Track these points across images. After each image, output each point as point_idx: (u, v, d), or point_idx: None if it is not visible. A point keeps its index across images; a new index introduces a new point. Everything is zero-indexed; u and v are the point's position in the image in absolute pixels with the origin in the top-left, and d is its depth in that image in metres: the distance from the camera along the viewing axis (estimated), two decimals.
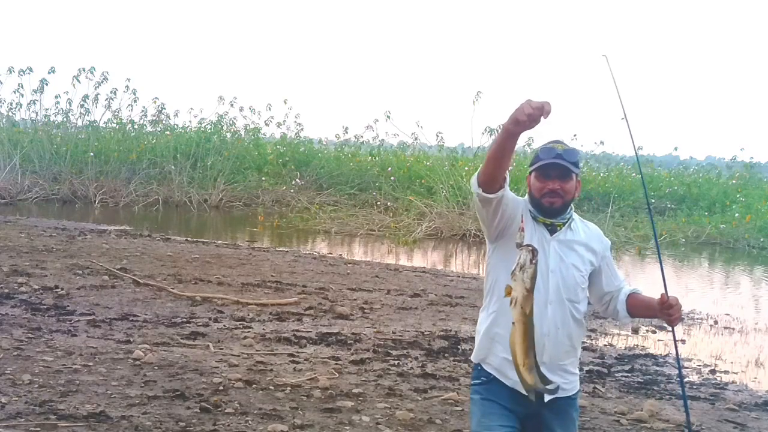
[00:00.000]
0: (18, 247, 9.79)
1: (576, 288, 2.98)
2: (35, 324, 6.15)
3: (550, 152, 2.95)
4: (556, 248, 2.96)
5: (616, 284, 3.13)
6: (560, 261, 2.96)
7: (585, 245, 3.04)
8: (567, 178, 2.94)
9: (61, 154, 18.96)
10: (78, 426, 4.15)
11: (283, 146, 22.72)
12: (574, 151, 3.01)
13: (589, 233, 3.08)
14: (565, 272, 2.96)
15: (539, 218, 2.97)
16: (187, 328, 6.48)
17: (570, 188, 2.97)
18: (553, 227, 2.98)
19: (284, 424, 4.41)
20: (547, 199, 2.94)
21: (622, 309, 3.10)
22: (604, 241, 3.12)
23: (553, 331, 2.93)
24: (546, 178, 2.93)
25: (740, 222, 17.92)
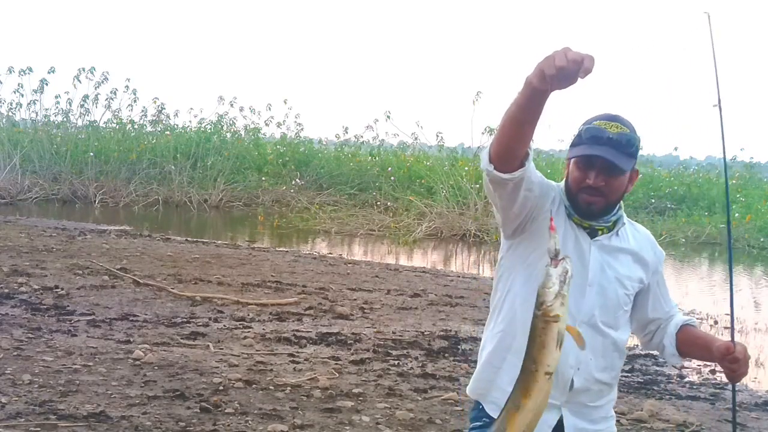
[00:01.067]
0: (18, 247, 9.79)
1: (617, 310, 2.37)
2: (35, 324, 6.15)
3: (597, 135, 2.26)
4: (596, 255, 2.34)
5: (667, 310, 2.50)
6: (601, 272, 2.34)
7: (635, 255, 2.41)
8: (616, 172, 2.27)
9: (61, 154, 18.96)
10: (78, 426, 4.15)
11: (283, 146, 22.72)
12: (632, 137, 2.29)
13: (640, 240, 2.44)
14: (606, 288, 2.34)
15: (574, 217, 2.34)
16: (187, 328, 6.48)
17: (618, 186, 2.31)
18: (592, 230, 2.34)
19: (284, 424, 4.41)
20: (585, 196, 2.29)
21: (670, 345, 2.46)
22: (657, 252, 2.49)
23: (583, 363, 2.31)
24: (587, 167, 2.28)
25: (740, 222, 17.90)
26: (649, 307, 2.47)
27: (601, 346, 2.35)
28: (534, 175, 2.24)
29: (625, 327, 2.43)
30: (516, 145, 2.12)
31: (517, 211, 2.27)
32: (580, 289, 2.29)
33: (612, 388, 2.43)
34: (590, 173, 2.27)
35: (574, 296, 2.18)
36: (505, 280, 2.43)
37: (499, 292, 2.45)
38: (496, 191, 2.23)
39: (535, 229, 2.30)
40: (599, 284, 2.34)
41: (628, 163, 2.30)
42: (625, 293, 2.38)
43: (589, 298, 2.32)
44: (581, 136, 2.31)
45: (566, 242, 2.28)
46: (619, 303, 2.37)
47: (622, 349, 2.43)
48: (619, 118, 2.33)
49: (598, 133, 2.28)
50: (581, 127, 2.33)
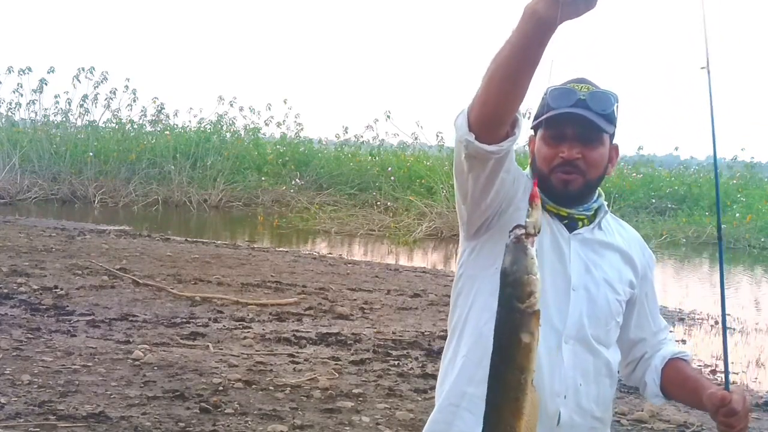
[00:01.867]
0: (17, 247, 9.78)
1: (609, 321, 1.93)
2: (34, 324, 6.14)
3: (565, 97, 1.87)
4: (579, 252, 1.92)
5: (654, 330, 2.06)
6: (586, 273, 1.91)
7: (622, 254, 1.99)
8: (593, 140, 1.87)
9: (61, 154, 18.95)
10: (77, 426, 4.14)
11: (283, 146, 22.70)
12: (607, 96, 1.89)
13: (627, 237, 2.03)
14: (594, 292, 1.90)
15: (548, 205, 1.90)
16: (187, 328, 6.46)
17: (598, 158, 1.89)
18: (571, 221, 1.93)
19: (284, 424, 4.40)
20: (559, 174, 1.87)
21: (653, 383, 2.01)
22: (647, 254, 2.06)
23: (571, 389, 1.86)
24: (558, 140, 1.87)
25: (741, 222, 17.91)
26: (633, 323, 2.02)
27: (593, 368, 1.90)
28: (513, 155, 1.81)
29: (616, 345, 1.99)
30: (506, 104, 1.68)
31: (490, 201, 1.83)
32: (563, 295, 1.88)
33: (606, 425, 1.97)
34: (562, 146, 1.87)
35: (556, 304, 1.85)
36: (466, 293, 1.96)
37: (459, 309, 1.97)
38: (472, 171, 1.77)
39: (502, 226, 1.82)
40: (585, 288, 1.90)
41: (607, 126, 1.89)
42: (617, 299, 1.94)
43: (575, 306, 1.88)
44: (547, 103, 1.88)
45: (542, 238, 1.80)
46: (611, 311, 1.92)
47: (614, 373, 1.96)
48: (587, 80, 1.93)
49: (566, 94, 1.88)
50: (545, 92, 1.91)
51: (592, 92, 1.89)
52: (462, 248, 2.03)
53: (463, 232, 2.01)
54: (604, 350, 1.93)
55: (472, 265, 1.98)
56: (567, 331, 1.88)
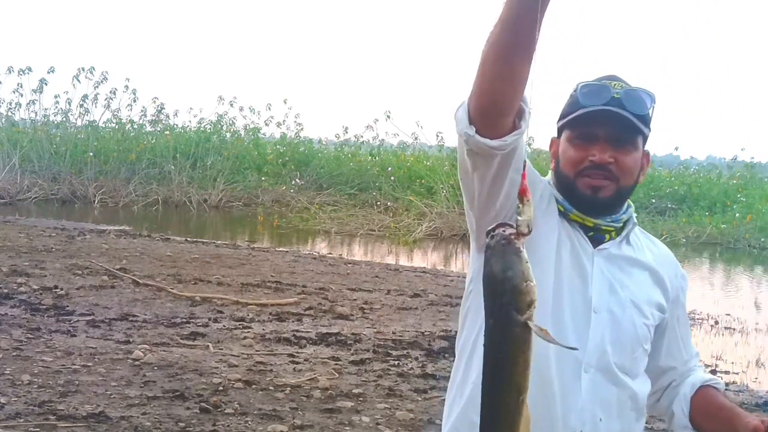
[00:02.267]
0: (17, 247, 9.78)
1: (636, 348, 1.74)
2: (34, 324, 6.14)
3: (598, 94, 1.70)
4: (603, 269, 1.73)
5: (685, 358, 1.88)
6: (610, 293, 1.72)
7: (653, 273, 1.79)
8: (627, 144, 1.71)
9: (61, 154, 18.95)
10: (77, 426, 4.14)
11: (283, 146, 22.70)
12: (643, 95, 1.73)
13: (657, 254, 1.84)
14: (619, 315, 1.72)
15: (572, 214, 1.73)
16: (187, 328, 6.46)
17: (632, 164, 1.73)
18: (598, 233, 1.75)
19: (284, 424, 4.40)
20: (586, 179, 1.70)
21: (682, 413, 1.84)
22: (680, 275, 1.87)
23: (589, 424, 1.68)
24: (588, 141, 1.70)
25: (741, 222, 17.91)
26: (663, 351, 1.84)
27: (616, 400, 1.71)
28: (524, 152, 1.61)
29: (644, 374, 1.79)
30: (504, 89, 1.51)
31: (500, 206, 1.63)
32: (583, 318, 1.69)
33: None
34: (593, 147, 1.69)
35: (575, 328, 1.67)
36: (475, 312, 1.73)
37: (467, 329, 1.79)
38: (477, 170, 1.60)
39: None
40: (609, 310, 1.70)
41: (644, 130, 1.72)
42: (645, 323, 1.74)
43: (596, 331, 1.68)
44: (576, 99, 1.72)
45: (561, 251, 1.69)
46: (638, 337, 1.73)
47: (642, 407, 1.77)
48: (620, 78, 1.76)
49: (599, 91, 1.70)
50: (575, 88, 1.75)
51: (628, 90, 1.71)
52: (472, 260, 1.78)
53: (473, 242, 1.77)
54: (630, 381, 1.73)
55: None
56: (587, 358, 1.67)
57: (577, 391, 1.67)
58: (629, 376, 1.74)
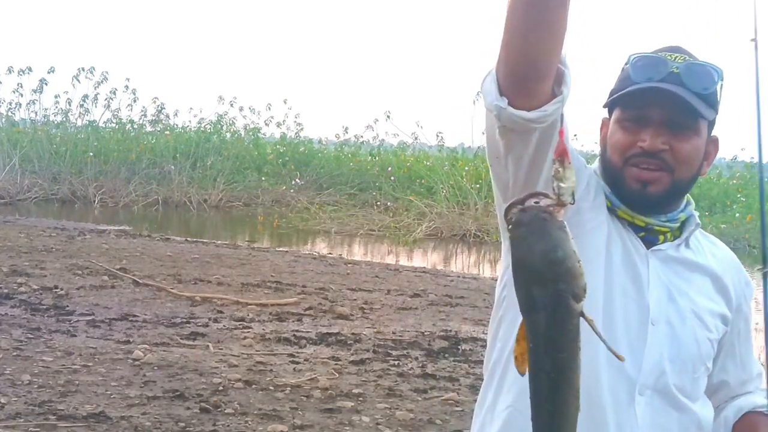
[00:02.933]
0: (17, 247, 9.78)
1: (698, 366, 1.52)
2: (34, 324, 6.14)
3: (653, 68, 1.46)
4: (660, 273, 1.51)
5: (743, 377, 1.64)
6: (669, 302, 1.50)
7: (715, 280, 1.58)
8: (687, 128, 1.47)
9: (61, 154, 18.95)
10: (77, 426, 4.14)
11: (283, 146, 22.70)
12: (708, 70, 1.48)
13: (720, 257, 1.64)
14: (679, 328, 1.49)
15: (620, 210, 1.51)
16: (187, 328, 6.47)
17: (691, 152, 1.48)
18: (650, 235, 1.52)
19: (284, 424, 4.40)
20: (634, 169, 1.47)
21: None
22: (743, 279, 1.67)
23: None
24: (639, 124, 1.47)
25: (741, 222, 17.92)
26: (717, 367, 1.59)
27: (678, 427, 1.49)
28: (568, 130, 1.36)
29: (705, 397, 1.57)
30: (538, 44, 1.26)
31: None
32: (638, 331, 1.46)
33: None
34: (644, 132, 1.45)
35: (629, 342, 1.44)
36: (510, 322, 1.50)
37: (500, 342, 1.55)
38: (511, 152, 1.37)
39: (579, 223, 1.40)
40: (667, 322, 1.48)
41: (707, 111, 1.47)
42: (708, 337, 1.52)
43: (654, 346, 1.46)
44: (627, 74, 1.49)
45: (611, 251, 1.48)
46: (701, 354, 1.50)
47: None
48: (683, 48, 1.51)
49: (654, 64, 1.46)
50: (627, 60, 1.51)
51: (690, 64, 1.46)
52: (504, 262, 1.54)
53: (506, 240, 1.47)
54: (692, 404, 1.51)
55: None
56: (642, 378, 1.45)
57: (632, 417, 1.43)
58: (690, 399, 1.51)
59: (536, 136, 1.34)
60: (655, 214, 1.52)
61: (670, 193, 1.50)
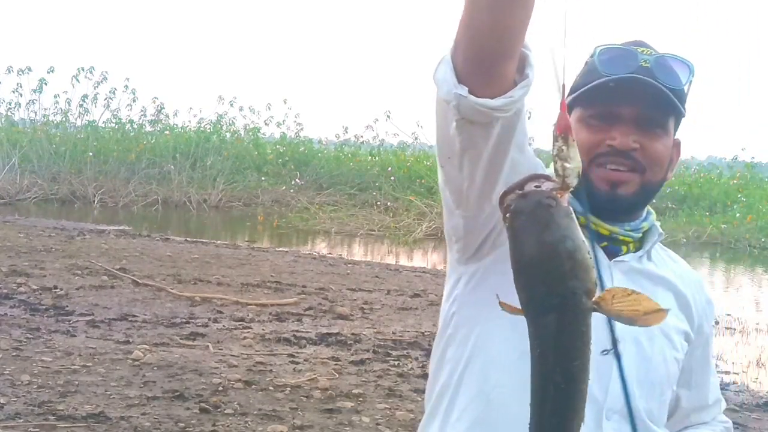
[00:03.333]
0: (17, 247, 9.77)
1: (666, 389, 1.43)
2: (34, 324, 6.13)
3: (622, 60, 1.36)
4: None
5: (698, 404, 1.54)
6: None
7: (678, 295, 1.48)
8: (658, 126, 1.37)
9: (60, 154, 18.95)
10: (77, 426, 4.13)
11: (283, 146, 22.71)
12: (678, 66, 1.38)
13: (680, 272, 1.52)
14: (647, 347, 1.39)
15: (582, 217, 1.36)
16: (187, 328, 6.46)
17: (662, 152, 1.38)
18: (612, 244, 1.42)
19: (284, 424, 4.39)
20: (603, 170, 1.36)
21: None
22: (704, 297, 1.55)
23: None
24: (607, 121, 1.36)
25: (741, 222, 17.92)
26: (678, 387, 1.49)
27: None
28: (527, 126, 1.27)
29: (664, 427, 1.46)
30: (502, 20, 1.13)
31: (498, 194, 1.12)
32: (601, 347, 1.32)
33: None
34: (613, 129, 1.34)
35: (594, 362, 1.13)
36: (461, 342, 1.40)
37: (449, 365, 1.43)
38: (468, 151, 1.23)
39: None
40: (635, 341, 1.36)
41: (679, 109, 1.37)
42: (675, 357, 1.42)
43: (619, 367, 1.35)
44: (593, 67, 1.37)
45: None
46: (669, 376, 1.41)
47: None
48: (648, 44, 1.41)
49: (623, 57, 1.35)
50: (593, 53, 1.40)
51: (660, 57, 1.35)
52: (453, 277, 1.44)
53: (455, 252, 1.41)
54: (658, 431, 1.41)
55: (470, 300, 1.40)
56: (610, 402, 1.34)
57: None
58: (657, 424, 1.40)
59: (497, 128, 1.21)
60: (620, 221, 1.41)
61: (640, 196, 1.40)
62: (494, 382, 1.31)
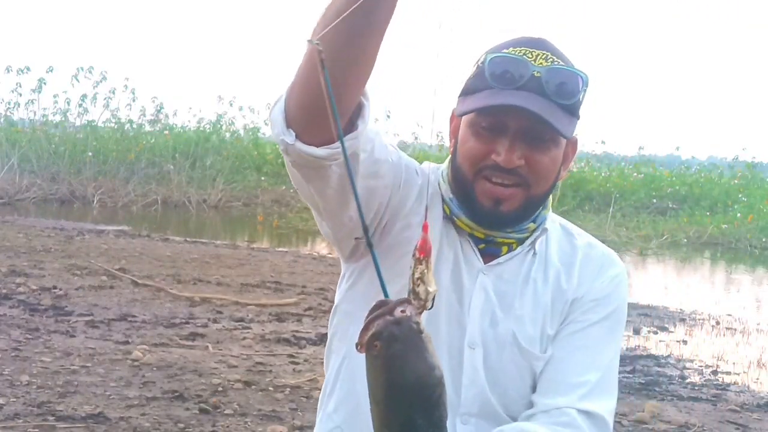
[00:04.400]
0: (16, 247, 9.75)
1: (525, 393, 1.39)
2: (33, 325, 6.12)
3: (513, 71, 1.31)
4: (489, 292, 1.39)
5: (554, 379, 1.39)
6: (491, 325, 1.39)
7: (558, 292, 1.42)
8: (545, 140, 1.34)
9: (60, 154, 18.93)
10: (76, 427, 4.12)
11: None
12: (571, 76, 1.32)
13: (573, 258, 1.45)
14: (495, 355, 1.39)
15: (459, 220, 1.40)
16: (186, 328, 6.44)
17: (549, 165, 1.36)
18: (490, 246, 1.41)
19: (284, 425, 4.38)
20: (487, 184, 1.35)
21: None
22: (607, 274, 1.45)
23: None
24: (495, 132, 1.33)
25: (742, 222, 17.91)
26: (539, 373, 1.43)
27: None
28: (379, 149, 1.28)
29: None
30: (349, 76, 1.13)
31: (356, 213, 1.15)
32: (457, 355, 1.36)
33: None
34: (499, 142, 1.31)
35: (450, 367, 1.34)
36: (341, 337, 1.53)
37: (333, 357, 1.56)
38: (311, 182, 1.24)
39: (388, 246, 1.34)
40: (485, 347, 1.37)
41: (568, 125, 1.32)
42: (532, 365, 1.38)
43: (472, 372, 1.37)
44: (484, 73, 1.33)
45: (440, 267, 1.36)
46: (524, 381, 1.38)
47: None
48: (547, 43, 1.34)
49: (515, 68, 1.30)
50: (483, 59, 1.35)
51: (552, 69, 1.30)
52: (342, 270, 1.52)
53: (337, 250, 1.48)
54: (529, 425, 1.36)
55: (348, 297, 1.48)
56: (464, 406, 1.36)
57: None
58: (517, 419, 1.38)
59: (335, 170, 1.20)
60: (500, 228, 1.39)
61: (523, 210, 1.37)
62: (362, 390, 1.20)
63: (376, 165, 1.28)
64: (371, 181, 1.28)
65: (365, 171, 1.26)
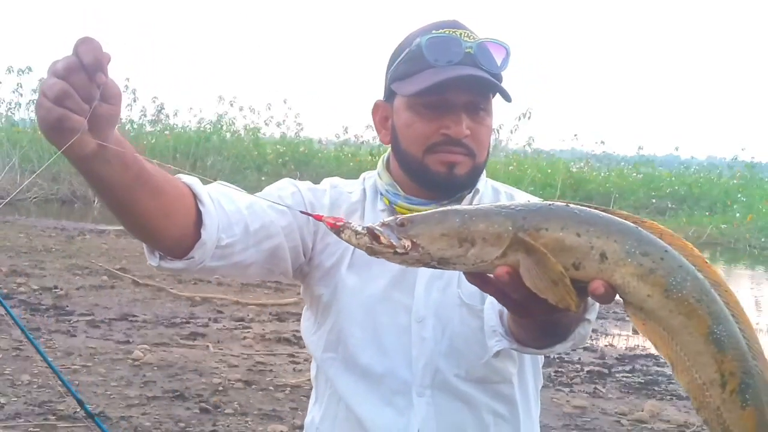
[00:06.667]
0: (17, 247, 9.77)
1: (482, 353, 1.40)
2: (34, 324, 6.13)
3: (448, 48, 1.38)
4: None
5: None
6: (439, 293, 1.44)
7: None
8: (484, 110, 1.42)
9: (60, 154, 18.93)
10: (77, 427, 4.14)
11: (283, 146, 22.70)
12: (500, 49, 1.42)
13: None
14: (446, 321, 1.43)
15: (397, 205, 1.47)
16: (187, 328, 6.46)
17: (486, 135, 1.44)
18: None
19: (284, 424, 4.39)
20: (442, 155, 1.40)
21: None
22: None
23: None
24: (440, 110, 1.39)
25: (741, 222, 17.91)
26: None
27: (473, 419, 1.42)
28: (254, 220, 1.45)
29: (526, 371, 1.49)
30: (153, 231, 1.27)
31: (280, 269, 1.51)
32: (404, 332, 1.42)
33: None
34: (447, 117, 1.38)
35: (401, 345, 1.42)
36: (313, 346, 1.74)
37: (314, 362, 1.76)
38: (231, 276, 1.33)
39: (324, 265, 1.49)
40: (436, 316, 1.42)
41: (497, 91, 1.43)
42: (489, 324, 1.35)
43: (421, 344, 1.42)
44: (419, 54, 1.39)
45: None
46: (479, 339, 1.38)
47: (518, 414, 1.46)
48: (462, 24, 1.44)
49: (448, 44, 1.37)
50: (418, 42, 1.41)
51: (481, 43, 1.38)
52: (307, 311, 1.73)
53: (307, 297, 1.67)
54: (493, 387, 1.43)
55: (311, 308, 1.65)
56: (418, 379, 1.42)
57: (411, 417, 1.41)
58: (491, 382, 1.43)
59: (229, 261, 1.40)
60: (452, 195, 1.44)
61: (471, 177, 1.45)
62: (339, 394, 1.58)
63: (262, 231, 1.43)
64: (268, 243, 1.42)
65: (254, 242, 1.41)
